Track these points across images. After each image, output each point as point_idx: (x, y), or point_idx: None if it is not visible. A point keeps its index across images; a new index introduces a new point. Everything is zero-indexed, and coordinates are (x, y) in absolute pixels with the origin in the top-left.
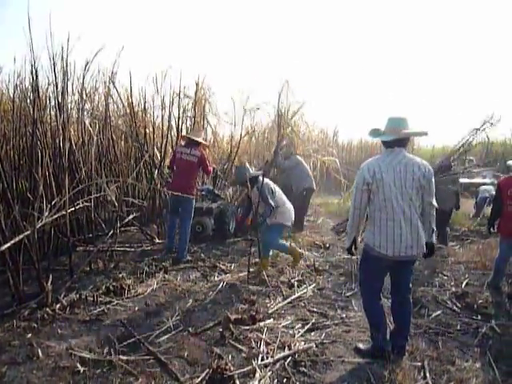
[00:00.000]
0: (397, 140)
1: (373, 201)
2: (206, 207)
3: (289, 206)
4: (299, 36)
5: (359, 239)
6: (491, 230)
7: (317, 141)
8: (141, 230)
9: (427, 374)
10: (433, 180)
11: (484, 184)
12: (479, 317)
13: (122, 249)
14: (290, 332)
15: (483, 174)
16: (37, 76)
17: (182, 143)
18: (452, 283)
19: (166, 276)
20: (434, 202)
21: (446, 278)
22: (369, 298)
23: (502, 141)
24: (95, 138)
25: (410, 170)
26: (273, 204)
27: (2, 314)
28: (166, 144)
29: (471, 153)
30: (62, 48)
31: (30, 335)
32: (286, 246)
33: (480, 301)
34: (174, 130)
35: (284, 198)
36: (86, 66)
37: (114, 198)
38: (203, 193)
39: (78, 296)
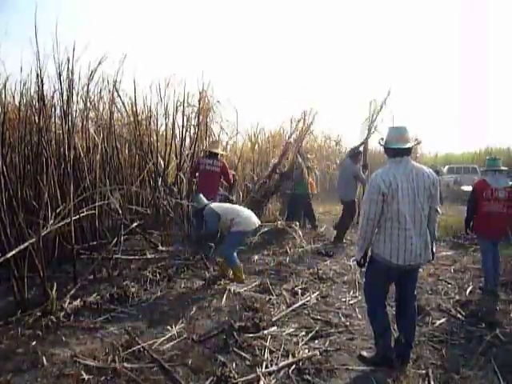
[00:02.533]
0: (406, 149)
1: (385, 211)
2: None
3: (246, 214)
4: (303, 41)
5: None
6: (468, 230)
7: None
8: (144, 238)
9: (431, 382)
10: (439, 187)
11: None
12: (483, 325)
13: (125, 256)
14: (294, 340)
15: None
16: (43, 85)
17: (204, 155)
18: (456, 291)
19: (170, 284)
20: (439, 209)
21: (450, 285)
22: (374, 306)
23: (505, 149)
24: (99, 147)
25: (421, 179)
26: (214, 228)
27: (7, 322)
28: (169, 152)
29: (474, 160)
30: (68, 58)
31: (34, 343)
32: (235, 261)
33: (484, 309)
34: (178, 138)
35: (238, 208)
36: (90, 74)
37: (117, 206)
38: (220, 197)
39: (82, 303)
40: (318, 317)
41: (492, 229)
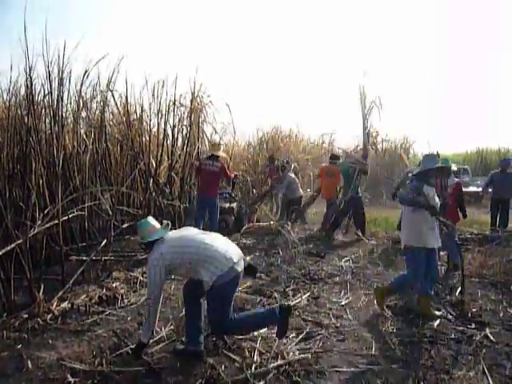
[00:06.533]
0: None
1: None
2: (229, 207)
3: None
4: (295, 39)
5: None
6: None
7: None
8: (135, 239)
9: (421, 383)
10: None
11: None
12: (473, 325)
13: (115, 258)
14: (284, 341)
15: (477, 182)
16: (31, 84)
17: (205, 156)
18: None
19: None
20: None
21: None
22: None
23: (495, 150)
24: (90, 147)
25: None
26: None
27: None
28: (161, 153)
29: (465, 161)
30: (59, 56)
31: (19, 346)
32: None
33: (474, 309)
34: (170, 138)
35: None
36: (84, 74)
37: (108, 207)
38: (224, 195)
39: (70, 306)
40: (309, 318)
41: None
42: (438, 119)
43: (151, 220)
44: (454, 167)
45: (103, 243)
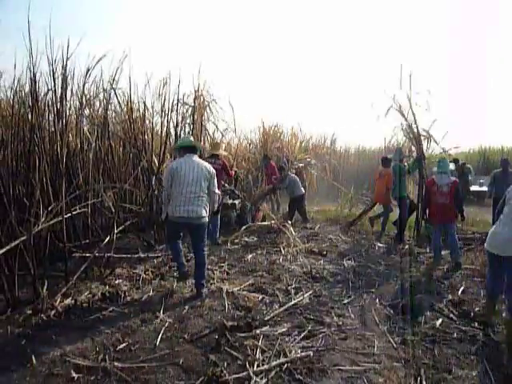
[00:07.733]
0: None
1: None
2: (231, 203)
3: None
4: (297, 38)
5: None
6: (424, 217)
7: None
8: (138, 237)
9: (424, 383)
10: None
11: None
12: (476, 324)
13: (118, 255)
14: (287, 339)
15: (480, 181)
16: (35, 81)
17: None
18: (449, 291)
19: (163, 282)
20: None
21: (442, 285)
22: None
23: (498, 148)
24: (93, 144)
25: None
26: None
27: None
28: (164, 150)
29: (468, 160)
30: (62, 54)
31: (23, 342)
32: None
33: (477, 308)
34: (173, 136)
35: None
36: (87, 72)
37: (111, 204)
38: (227, 192)
39: (73, 302)
40: (311, 316)
41: (439, 215)
42: (440, 117)
43: (192, 142)
44: (451, 167)
45: (106, 240)
